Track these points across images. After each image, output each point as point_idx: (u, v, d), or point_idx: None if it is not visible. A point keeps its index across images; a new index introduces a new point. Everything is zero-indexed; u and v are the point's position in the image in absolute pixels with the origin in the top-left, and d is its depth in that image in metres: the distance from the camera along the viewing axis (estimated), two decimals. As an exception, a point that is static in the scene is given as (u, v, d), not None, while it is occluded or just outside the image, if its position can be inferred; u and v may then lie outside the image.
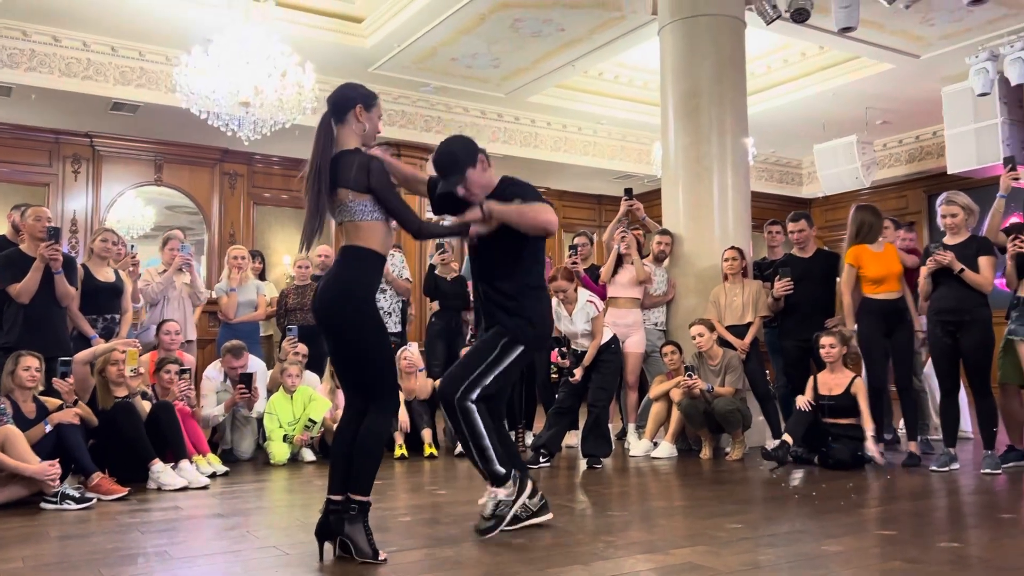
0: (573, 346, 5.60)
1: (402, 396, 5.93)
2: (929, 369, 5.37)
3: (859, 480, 4.75)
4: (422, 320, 9.07)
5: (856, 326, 5.32)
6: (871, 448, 5.08)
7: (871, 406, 5.50)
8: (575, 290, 5.56)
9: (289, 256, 10.63)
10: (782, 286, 5.68)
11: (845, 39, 7.93)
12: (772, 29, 7.24)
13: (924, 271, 4.98)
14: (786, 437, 5.05)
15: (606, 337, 5.58)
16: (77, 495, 4.06)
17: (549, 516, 3.48)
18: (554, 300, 5.60)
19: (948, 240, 4.94)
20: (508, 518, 3.35)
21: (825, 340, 5.31)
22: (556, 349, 5.54)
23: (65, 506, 4.00)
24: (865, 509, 3.96)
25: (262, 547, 3.22)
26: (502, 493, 3.37)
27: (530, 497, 3.42)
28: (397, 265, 6.65)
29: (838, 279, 5.89)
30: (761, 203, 10.27)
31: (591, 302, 5.54)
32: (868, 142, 10.44)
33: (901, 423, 6.62)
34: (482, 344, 3.48)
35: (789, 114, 10.42)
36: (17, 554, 3.14)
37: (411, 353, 6.12)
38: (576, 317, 5.56)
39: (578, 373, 5.47)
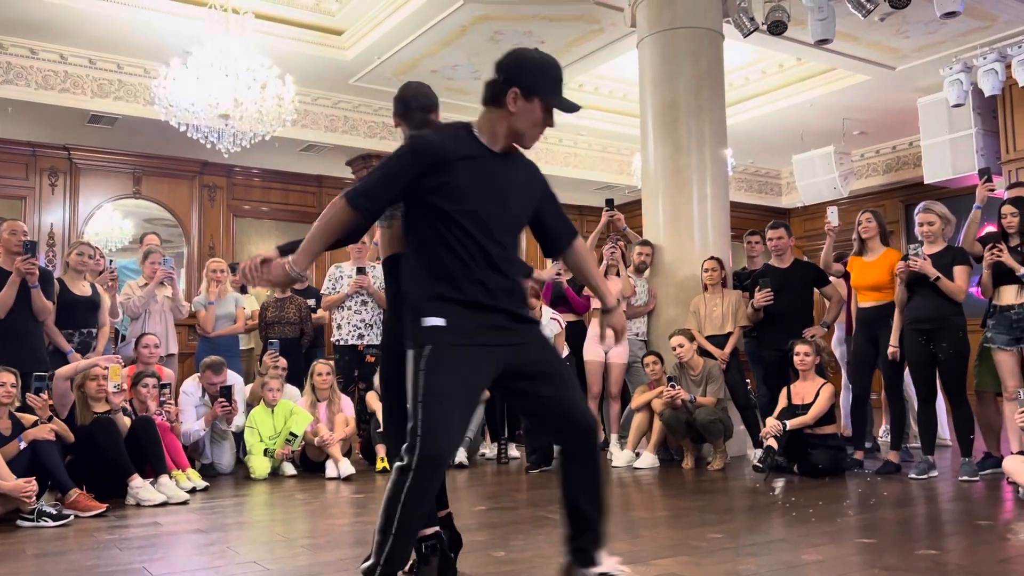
0: None
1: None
2: (906, 377, 5.41)
3: (838, 488, 4.79)
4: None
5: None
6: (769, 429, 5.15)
7: (853, 414, 5.57)
8: (540, 309, 5.66)
9: (270, 268, 10.57)
10: (763, 296, 5.73)
11: (822, 51, 8.02)
12: (750, 41, 7.31)
13: (898, 280, 5.04)
14: (771, 443, 5.07)
15: (564, 353, 5.70)
16: (54, 512, 4.02)
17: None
18: None
19: (925, 249, 5.00)
20: None
21: (800, 348, 5.35)
22: None
23: (42, 523, 3.95)
24: (845, 517, 3.99)
25: (243, 563, 3.19)
26: None
27: None
28: (379, 277, 6.63)
29: (815, 288, 5.97)
30: (741, 213, 10.37)
31: (554, 319, 5.72)
32: (846, 152, 10.57)
33: (880, 431, 6.72)
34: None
35: (768, 125, 10.52)
36: (-8, 573, 3.10)
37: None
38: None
39: None
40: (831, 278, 5.94)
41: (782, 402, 5.37)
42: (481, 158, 2.48)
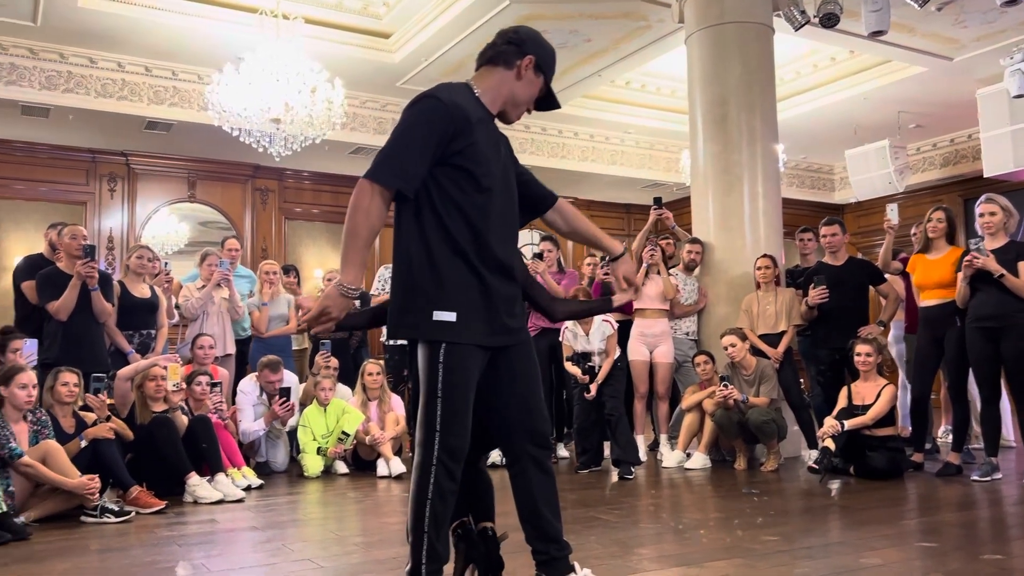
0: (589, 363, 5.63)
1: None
2: (969, 377, 5.26)
3: (898, 490, 4.67)
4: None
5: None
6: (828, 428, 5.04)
7: (913, 414, 5.44)
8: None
9: (320, 269, 10.72)
10: (817, 294, 5.61)
11: (876, 43, 7.84)
12: (801, 35, 7.18)
13: (961, 276, 4.89)
14: (828, 443, 4.97)
15: (616, 354, 5.68)
16: (116, 509, 4.12)
17: None
18: (570, 320, 5.66)
19: (987, 244, 4.85)
20: None
21: (861, 348, 5.23)
22: (576, 363, 5.59)
23: (105, 519, 4.06)
24: (905, 520, 3.89)
25: (297, 560, 3.24)
26: None
27: None
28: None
29: (871, 286, 5.83)
30: (792, 210, 10.18)
31: (606, 321, 5.65)
32: (901, 146, 10.30)
33: (939, 431, 6.54)
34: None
35: (820, 119, 10.33)
36: (58, 567, 3.19)
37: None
38: (592, 337, 5.67)
39: (593, 389, 5.52)
40: (887, 275, 5.80)
41: (841, 402, 5.26)
42: (486, 121, 2.39)
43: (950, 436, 6.37)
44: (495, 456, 5.77)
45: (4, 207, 8.96)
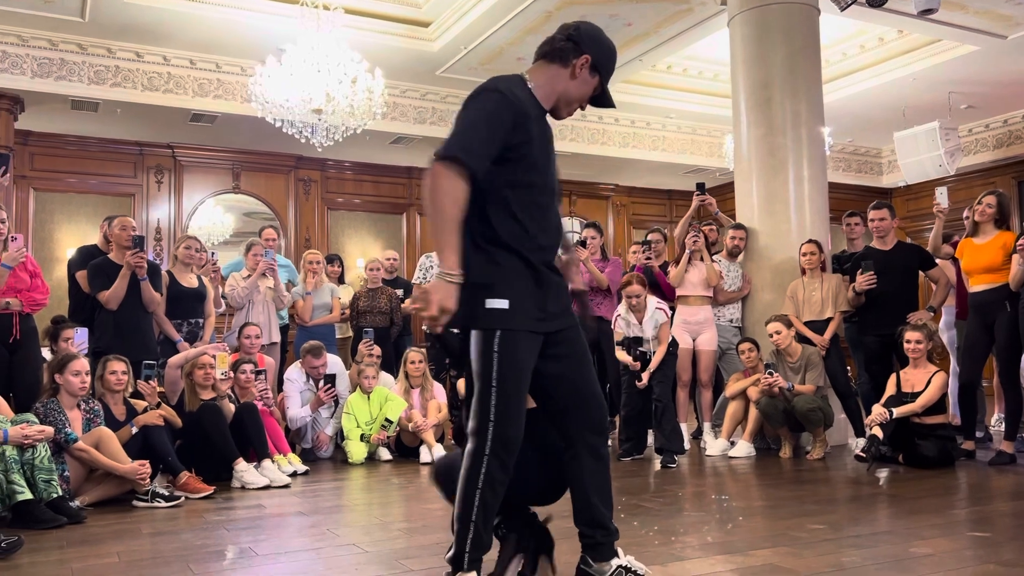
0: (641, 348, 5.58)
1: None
2: (1022, 363, 5.12)
3: (948, 479, 4.58)
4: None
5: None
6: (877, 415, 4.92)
7: (962, 402, 5.32)
8: (645, 298, 5.56)
9: (363, 259, 10.81)
10: (865, 280, 5.50)
11: (926, 22, 7.64)
12: (848, 15, 7.03)
13: (1016, 259, 4.76)
14: (875, 431, 4.88)
15: (668, 341, 5.61)
16: (167, 494, 4.21)
17: None
18: (622, 306, 5.61)
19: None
20: None
21: (911, 335, 5.12)
22: (627, 349, 5.53)
23: (156, 504, 4.15)
24: (956, 510, 3.81)
25: (342, 545, 3.28)
26: None
27: None
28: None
29: (920, 271, 5.70)
30: (839, 194, 9.97)
31: (660, 309, 5.58)
32: (952, 128, 10.02)
33: (992, 419, 6.39)
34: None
35: (867, 101, 10.10)
36: (112, 549, 3.27)
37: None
38: (646, 325, 5.59)
39: (645, 377, 5.47)
40: (937, 260, 5.66)
41: (890, 389, 5.16)
42: (540, 117, 2.38)
43: (1003, 424, 6.23)
44: None
45: (56, 200, 9.18)
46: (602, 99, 2.47)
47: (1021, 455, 5.07)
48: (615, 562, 2.39)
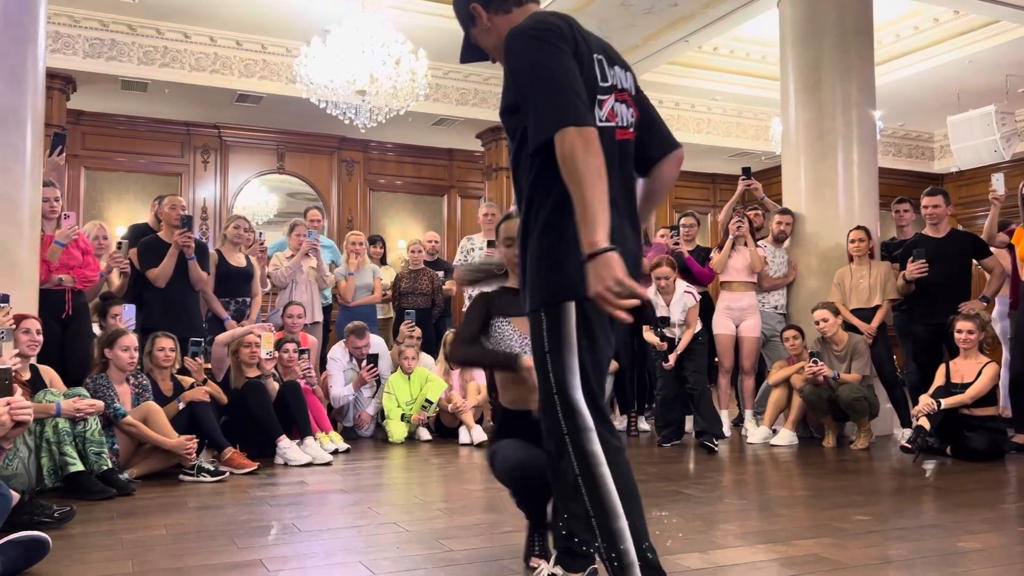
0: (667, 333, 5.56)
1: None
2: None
3: (998, 473, 4.48)
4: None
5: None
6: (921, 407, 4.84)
7: (1013, 395, 5.19)
8: (674, 281, 5.55)
9: (404, 240, 10.87)
10: (916, 268, 5.37)
11: (984, 2, 7.39)
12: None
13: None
14: (923, 422, 4.79)
15: (697, 327, 5.55)
16: (212, 468, 4.29)
17: None
18: (651, 289, 5.57)
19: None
20: None
21: (963, 325, 5.00)
22: (654, 329, 5.52)
23: (201, 479, 4.23)
24: (1006, 504, 3.73)
25: (383, 523, 3.31)
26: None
27: None
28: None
29: (975, 260, 5.56)
30: (888, 179, 9.75)
31: (688, 292, 5.58)
32: (1008, 112, 9.70)
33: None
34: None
35: (920, 84, 9.84)
36: (160, 522, 3.34)
37: (524, 336, 6.17)
38: (673, 308, 5.58)
39: (672, 359, 5.44)
40: (993, 249, 5.51)
41: (939, 380, 5.05)
42: None
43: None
44: None
45: (106, 179, 9.36)
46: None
47: (1075, 450, 4.94)
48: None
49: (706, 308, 6.14)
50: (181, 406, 4.53)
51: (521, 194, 2.06)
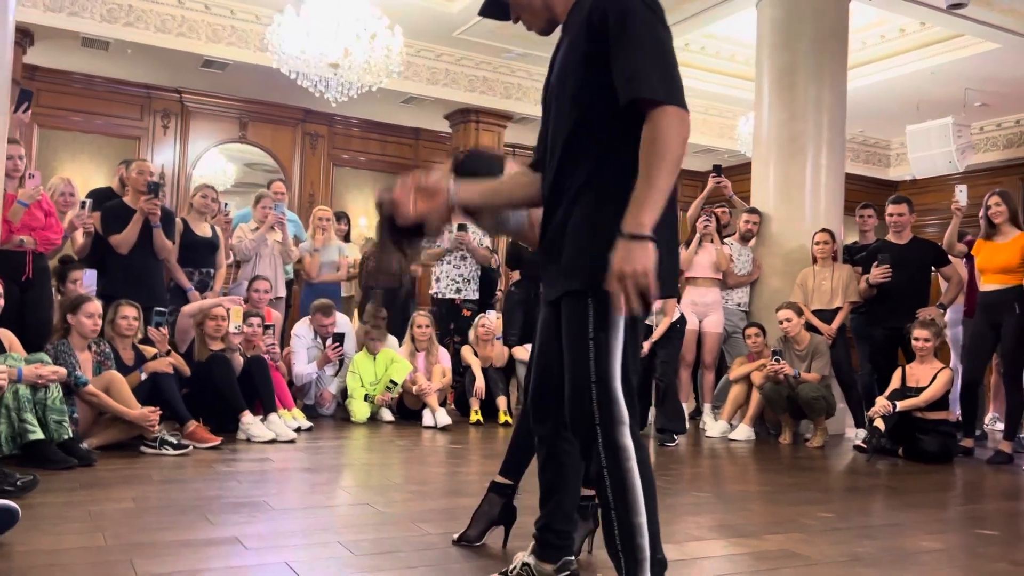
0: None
1: (479, 363, 5.98)
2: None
3: (947, 475, 4.64)
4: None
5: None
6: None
7: (963, 400, 5.38)
8: None
9: (365, 218, 10.75)
10: (880, 273, 5.51)
11: (950, 16, 7.57)
12: (874, 3, 6.97)
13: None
14: (878, 423, 4.93)
15: (675, 316, 5.58)
16: (175, 441, 4.21)
17: None
18: None
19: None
20: None
21: (921, 332, 5.15)
22: None
23: (163, 451, 4.15)
24: (959, 506, 3.87)
25: (357, 504, 3.30)
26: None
27: None
28: (479, 234, 6.65)
29: (933, 268, 5.72)
30: (846, 184, 9.97)
31: None
32: (965, 125, 9.98)
33: (987, 418, 6.46)
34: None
35: (882, 92, 10.04)
36: (125, 494, 3.27)
37: (489, 321, 6.15)
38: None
39: (646, 346, 5.47)
40: (951, 258, 5.68)
41: (895, 383, 5.20)
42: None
43: (997, 423, 6.32)
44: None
45: (61, 138, 9.05)
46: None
47: (1018, 455, 5.13)
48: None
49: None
50: (143, 376, 4.43)
51: (575, 154, 1.89)
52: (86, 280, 5.08)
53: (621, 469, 1.86)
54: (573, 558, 2.32)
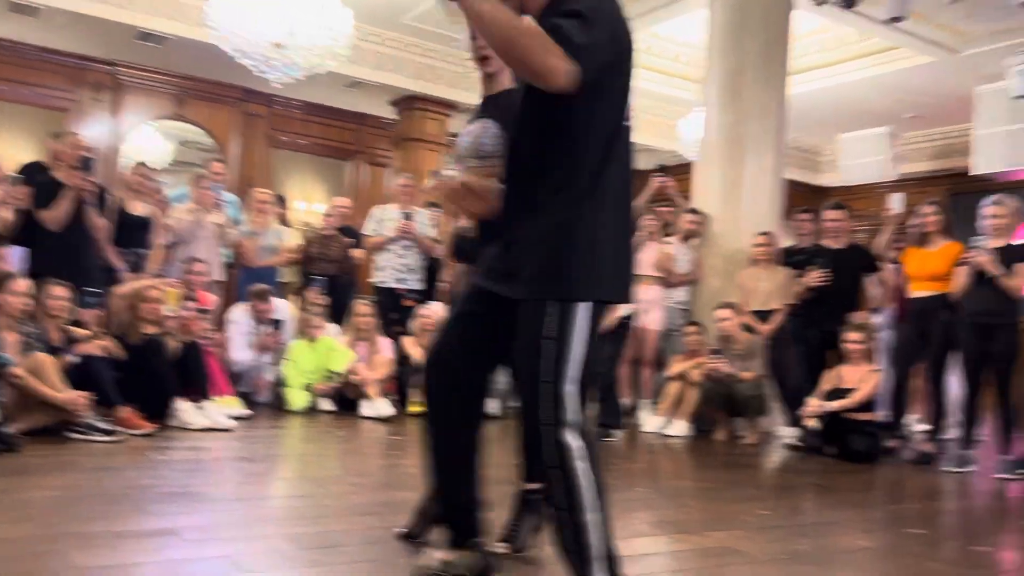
0: None
1: (421, 354, 5.92)
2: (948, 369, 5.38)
3: (875, 475, 4.79)
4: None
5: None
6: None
7: (890, 403, 5.56)
8: None
9: (304, 202, 10.55)
10: (818, 276, 5.64)
11: (887, 28, 7.81)
12: (816, 12, 7.13)
13: (964, 271, 4.96)
14: (811, 423, 5.06)
15: (623, 311, 5.61)
16: (105, 427, 4.06)
17: None
18: None
19: (990, 243, 4.91)
20: None
21: (852, 335, 5.30)
22: None
23: (92, 437, 3.99)
24: (887, 505, 4.01)
25: (300, 495, 3.24)
26: None
27: None
28: (424, 223, 6.59)
29: (867, 273, 5.89)
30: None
31: None
32: (898, 135, 10.35)
33: (910, 420, 6.69)
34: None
35: (818, 100, 10.29)
36: (54, 482, 3.14)
37: (432, 311, 6.10)
38: None
39: None
40: (883, 265, 5.86)
41: (827, 384, 5.34)
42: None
43: (919, 425, 6.55)
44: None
45: (-17, 106, 8.62)
46: None
47: (940, 456, 5.32)
48: None
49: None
50: (73, 359, 4.25)
51: (542, 162, 1.93)
52: (13, 258, 4.86)
53: (569, 468, 1.89)
54: (479, 539, 2.33)
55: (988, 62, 8.63)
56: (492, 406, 5.81)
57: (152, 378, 4.57)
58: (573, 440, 1.89)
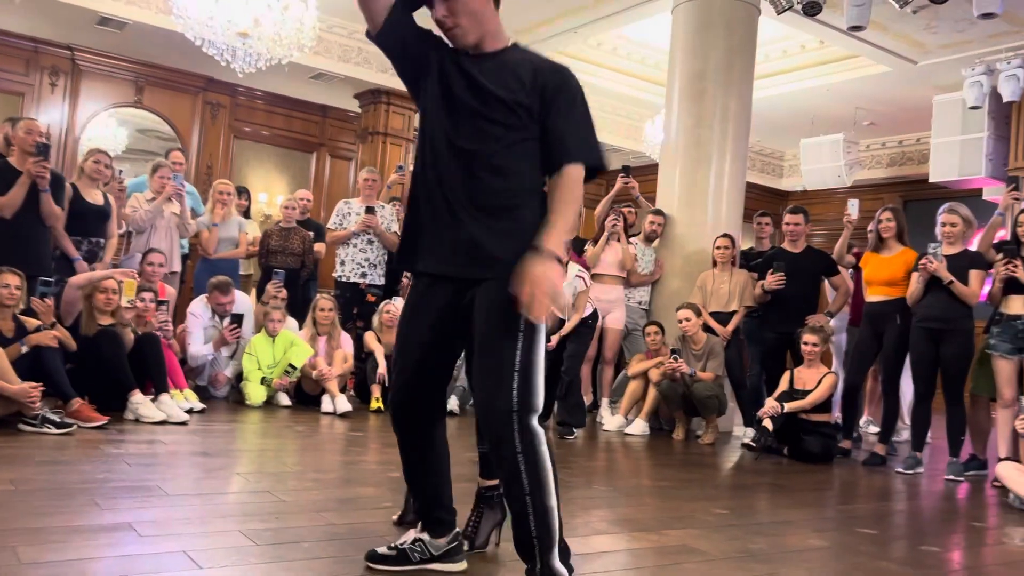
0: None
1: (382, 349, 5.89)
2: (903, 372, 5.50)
3: (829, 475, 4.88)
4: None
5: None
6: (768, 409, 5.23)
7: (844, 404, 5.67)
8: (567, 264, 5.60)
9: (266, 194, 10.43)
10: (775, 280, 5.73)
11: (847, 37, 7.96)
12: (778, 19, 7.23)
13: (916, 276, 5.08)
14: (766, 423, 5.14)
15: (587, 312, 5.65)
16: (57, 420, 3.97)
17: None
18: None
19: (943, 251, 5.03)
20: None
21: (809, 337, 5.40)
22: None
23: (44, 430, 3.91)
24: (840, 505, 4.08)
25: (257, 491, 3.19)
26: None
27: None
28: (387, 218, 6.56)
29: (824, 277, 6.00)
30: (743, 191, 10.33)
31: (580, 277, 5.62)
32: (854, 142, 10.56)
33: (862, 421, 6.84)
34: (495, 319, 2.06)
35: (780, 105, 10.46)
36: (5, 475, 3.06)
37: (394, 307, 6.07)
38: (564, 290, 5.60)
39: (554, 340, 5.52)
40: (840, 268, 5.98)
41: (783, 385, 5.44)
42: None
43: (872, 427, 6.70)
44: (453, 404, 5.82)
45: (-66, 88, 8.39)
46: None
47: (891, 458, 5.45)
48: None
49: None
50: (24, 349, 4.16)
51: (515, 167, 2.13)
52: (-38, 244, 4.73)
53: (536, 452, 2.01)
54: (458, 530, 2.40)
55: (946, 73, 8.86)
56: (451, 403, 5.83)
57: (106, 370, 4.49)
58: (537, 426, 2.03)
